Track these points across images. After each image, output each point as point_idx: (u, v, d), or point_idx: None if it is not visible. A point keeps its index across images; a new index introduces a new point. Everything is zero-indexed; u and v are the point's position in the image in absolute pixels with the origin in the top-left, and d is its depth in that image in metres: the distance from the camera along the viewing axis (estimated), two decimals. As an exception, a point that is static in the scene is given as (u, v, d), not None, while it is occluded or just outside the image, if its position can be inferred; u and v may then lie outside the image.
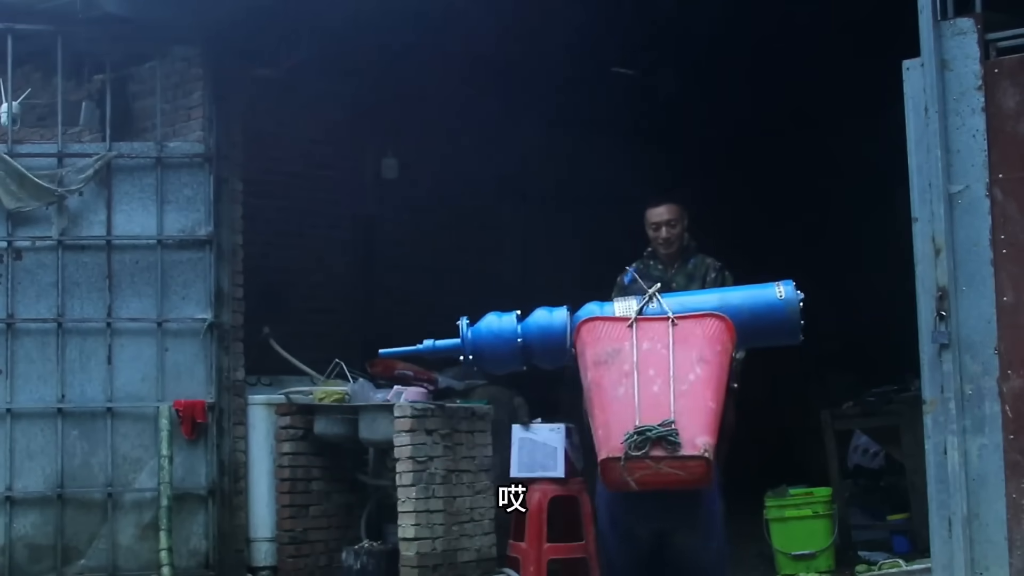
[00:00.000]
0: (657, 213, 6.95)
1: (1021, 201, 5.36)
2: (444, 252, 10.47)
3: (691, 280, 6.84)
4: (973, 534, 5.36)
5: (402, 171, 10.24)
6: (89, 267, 7.88)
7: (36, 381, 7.80)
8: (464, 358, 5.24)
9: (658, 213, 6.95)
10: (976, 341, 5.40)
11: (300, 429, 8.16)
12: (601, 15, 8.69)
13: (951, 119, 5.50)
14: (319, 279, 9.71)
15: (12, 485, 7.69)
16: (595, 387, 4.60)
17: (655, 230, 6.94)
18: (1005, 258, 5.37)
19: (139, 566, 7.70)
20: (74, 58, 8.08)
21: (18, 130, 7.99)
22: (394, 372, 8.29)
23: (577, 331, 4.79)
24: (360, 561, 7.71)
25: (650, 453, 4.32)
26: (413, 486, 7.49)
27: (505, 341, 5.13)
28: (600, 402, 4.54)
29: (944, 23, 5.54)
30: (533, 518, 7.55)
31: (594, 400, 4.59)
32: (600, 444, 4.50)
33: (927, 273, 5.52)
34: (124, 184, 7.97)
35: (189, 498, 7.81)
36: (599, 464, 4.48)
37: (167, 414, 7.69)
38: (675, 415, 4.37)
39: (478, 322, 5.26)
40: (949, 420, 5.42)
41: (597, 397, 4.59)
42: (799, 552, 7.74)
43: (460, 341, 5.24)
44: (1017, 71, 5.40)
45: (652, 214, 6.97)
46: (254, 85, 8.45)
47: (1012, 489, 5.29)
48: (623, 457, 4.33)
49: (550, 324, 5.08)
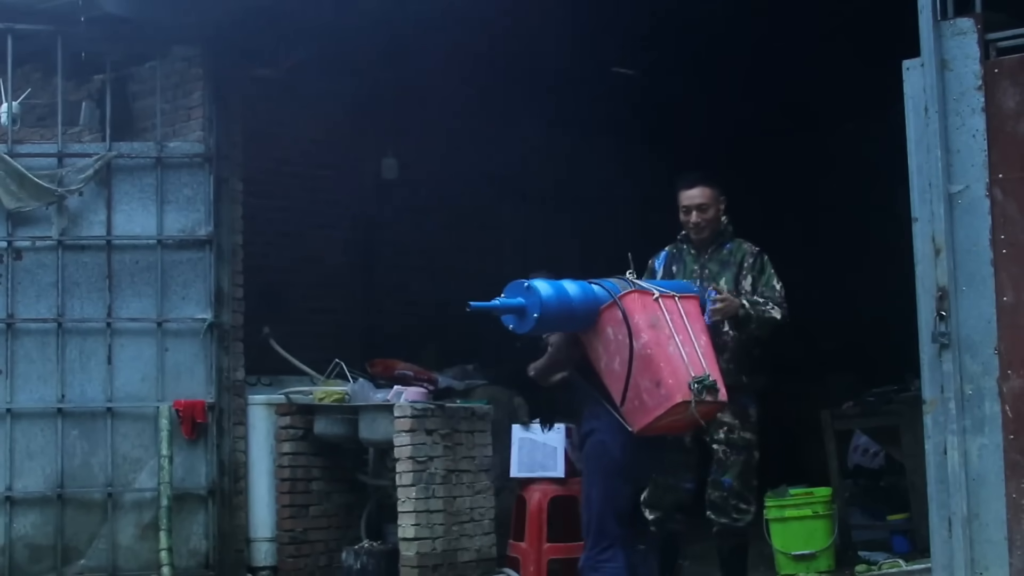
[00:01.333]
0: (689, 196, 6.40)
1: (1021, 201, 5.36)
2: (444, 252, 10.47)
3: (725, 267, 6.32)
4: (973, 534, 5.36)
5: (402, 171, 10.24)
6: (89, 267, 7.88)
7: (36, 381, 7.80)
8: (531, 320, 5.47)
9: (690, 196, 6.39)
10: (976, 341, 5.39)
11: (300, 429, 8.16)
12: (601, 15, 8.69)
13: (951, 119, 5.49)
14: (319, 279, 9.71)
15: (12, 485, 7.70)
16: (655, 345, 5.41)
17: (686, 213, 6.40)
18: (1005, 258, 5.36)
19: (139, 566, 7.71)
20: (74, 58, 8.07)
21: (18, 130, 8.00)
22: (394, 372, 8.30)
23: (623, 299, 5.48)
24: (360, 561, 7.72)
25: (705, 397, 5.35)
26: (413, 486, 7.50)
27: (568, 304, 5.48)
28: (664, 356, 5.40)
29: (944, 23, 5.53)
30: (533, 518, 7.57)
31: (656, 356, 5.39)
32: (671, 390, 5.34)
33: (927, 273, 5.52)
34: (124, 184, 7.97)
35: (189, 498, 7.82)
36: (671, 407, 5.34)
37: (167, 414, 7.70)
38: (707, 370, 5.40)
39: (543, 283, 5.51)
40: (949, 420, 5.41)
41: (659, 353, 5.40)
42: (799, 552, 7.73)
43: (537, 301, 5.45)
44: (1017, 71, 5.40)
45: (684, 196, 6.42)
46: (254, 85, 8.46)
47: (1012, 489, 5.29)
48: (693, 400, 5.33)
49: (595, 293, 5.53)
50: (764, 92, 10.53)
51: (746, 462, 6.16)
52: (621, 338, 5.48)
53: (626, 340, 5.45)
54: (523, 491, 7.80)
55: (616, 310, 5.49)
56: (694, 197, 6.39)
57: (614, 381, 5.50)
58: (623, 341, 5.47)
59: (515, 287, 5.51)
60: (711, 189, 6.42)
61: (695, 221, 6.37)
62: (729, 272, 6.29)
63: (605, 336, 5.53)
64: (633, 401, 5.44)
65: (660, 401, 5.40)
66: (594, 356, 5.59)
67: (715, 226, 6.39)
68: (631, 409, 5.46)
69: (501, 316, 5.50)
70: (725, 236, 6.43)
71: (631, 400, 5.43)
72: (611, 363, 5.52)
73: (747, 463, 6.16)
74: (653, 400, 5.41)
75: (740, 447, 6.15)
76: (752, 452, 6.20)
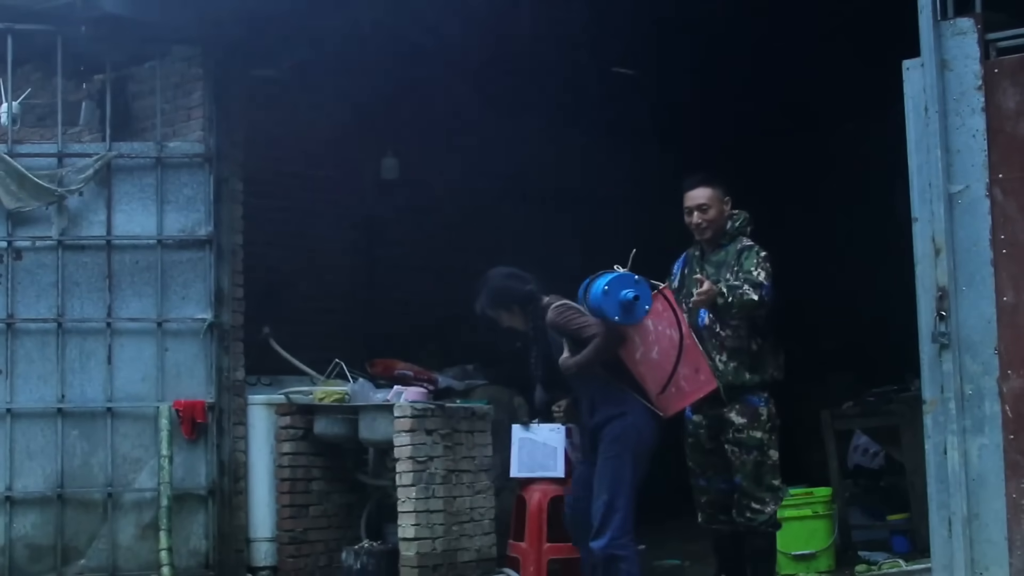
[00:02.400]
0: (691, 197, 6.37)
1: (1021, 201, 5.36)
2: (444, 252, 10.47)
3: (720, 268, 6.30)
4: (973, 534, 5.36)
5: (402, 171, 10.24)
6: (89, 267, 7.88)
7: (36, 381, 7.80)
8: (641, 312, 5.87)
9: (692, 197, 6.37)
10: (976, 341, 5.40)
11: (300, 429, 8.16)
12: (601, 15, 8.69)
13: (951, 119, 5.50)
14: (319, 279, 9.71)
15: (12, 485, 7.70)
16: (689, 335, 5.99)
17: (688, 214, 6.38)
18: (1005, 258, 5.37)
19: (139, 566, 7.71)
20: (74, 58, 8.07)
21: (18, 130, 8.00)
22: (394, 372, 8.31)
23: (664, 292, 5.99)
24: (360, 561, 7.71)
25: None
26: (413, 486, 7.50)
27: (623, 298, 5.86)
28: (697, 345, 6.00)
29: (944, 23, 5.53)
30: (533, 518, 7.56)
31: (693, 344, 5.97)
32: (710, 376, 5.99)
33: (927, 273, 5.52)
34: (124, 184, 7.97)
35: (189, 498, 7.82)
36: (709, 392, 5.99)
37: (167, 414, 7.70)
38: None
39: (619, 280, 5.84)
40: (949, 420, 5.42)
41: (693, 341, 5.99)
42: (799, 552, 7.75)
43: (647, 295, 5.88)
44: (1017, 71, 5.40)
45: (686, 197, 6.40)
46: (254, 85, 8.46)
47: (1012, 489, 5.29)
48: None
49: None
50: (764, 92, 10.53)
51: (757, 461, 6.13)
52: (661, 328, 5.92)
53: (666, 331, 5.92)
54: (523, 491, 7.79)
55: (656, 302, 5.90)
56: (695, 198, 6.39)
57: (651, 370, 5.91)
58: (663, 332, 5.92)
59: (625, 279, 5.81)
60: (712, 189, 6.40)
61: (696, 222, 6.37)
62: (724, 272, 6.28)
63: (644, 327, 5.91)
64: (671, 388, 5.90)
65: (700, 386, 5.97)
66: (629, 347, 5.90)
67: (718, 226, 6.37)
68: (668, 395, 5.90)
69: (615, 303, 5.77)
70: (728, 237, 6.39)
71: (670, 387, 5.90)
72: (648, 353, 5.91)
73: (758, 462, 6.13)
74: (692, 386, 5.95)
75: (750, 447, 6.13)
76: (765, 451, 6.15)
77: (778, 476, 6.21)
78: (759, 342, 6.20)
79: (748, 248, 6.31)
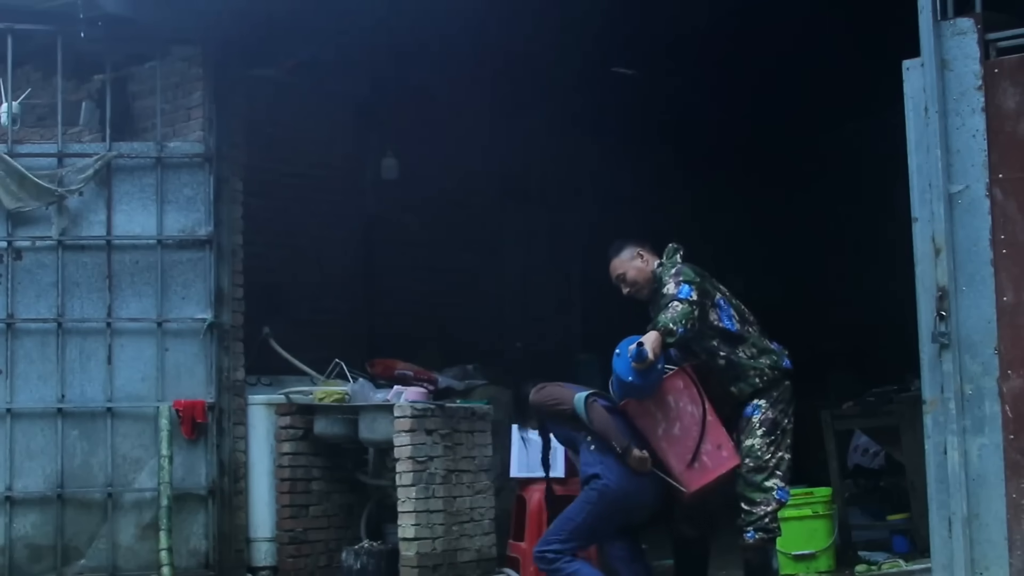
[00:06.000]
0: (610, 272, 6.35)
1: (1021, 201, 5.36)
2: (444, 252, 10.47)
3: (654, 302, 6.20)
4: (973, 534, 5.36)
5: (402, 171, 10.24)
6: (89, 267, 7.88)
7: (36, 381, 7.80)
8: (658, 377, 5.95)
9: (610, 272, 6.34)
10: (976, 341, 5.40)
11: (300, 429, 8.16)
12: (601, 15, 8.69)
13: (951, 119, 5.49)
14: (319, 279, 9.71)
15: (12, 485, 7.70)
16: (712, 412, 6.03)
17: (618, 290, 6.41)
18: (1005, 258, 5.37)
19: (139, 566, 7.71)
20: (74, 58, 8.08)
21: (18, 130, 7.99)
22: (394, 372, 8.30)
23: (687, 369, 6.07)
24: (360, 561, 7.72)
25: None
26: (413, 486, 7.50)
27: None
28: (719, 422, 6.04)
29: (944, 23, 5.53)
30: (533, 518, 7.57)
31: (713, 422, 6.00)
32: (732, 452, 6.05)
33: (927, 273, 5.52)
34: (124, 184, 7.97)
35: (189, 498, 7.82)
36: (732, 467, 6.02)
37: (167, 414, 7.69)
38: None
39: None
40: (949, 420, 5.41)
41: (715, 420, 6.02)
42: (799, 552, 7.74)
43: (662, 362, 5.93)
44: (1017, 71, 5.40)
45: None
46: (254, 85, 8.46)
47: (1012, 489, 5.29)
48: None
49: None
50: (763, 92, 10.53)
51: (750, 468, 6.13)
52: (683, 405, 5.98)
53: (687, 407, 5.97)
54: (523, 491, 7.80)
55: (678, 379, 5.99)
56: (611, 272, 6.35)
57: (673, 445, 5.96)
58: (685, 408, 5.98)
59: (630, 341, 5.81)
60: (618, 257, 6.33)
61: (625, 292, 6.35)
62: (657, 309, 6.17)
63: (665, 404, 5.97)
64: (694, 464, 5.94)
65: (722, 462, 5.98)
66: (648, 423, 5.97)
67: (644, 281, 6.28)
68: (691, 471, 5.93)
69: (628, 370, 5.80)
70: (660, 280, 6.23)
71: (694, 463, 5.94)
72: (670, 429, 5.96)
73: (749, 468, 6.13)
74: (715, 462, 5.96)
75: (743, 454, 6.13)
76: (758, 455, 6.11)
77: (775, 478, 6.10)
78: (723, 355, 6.12)
79: (660, 274, 6.21)
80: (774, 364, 6.18)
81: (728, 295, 6.24)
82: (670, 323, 5.83)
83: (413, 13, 7.95)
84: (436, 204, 10.41)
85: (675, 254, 6.29)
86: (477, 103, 10.28)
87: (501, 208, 11.11)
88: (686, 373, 6.04)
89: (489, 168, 10.71)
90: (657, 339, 5.80)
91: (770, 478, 6.10)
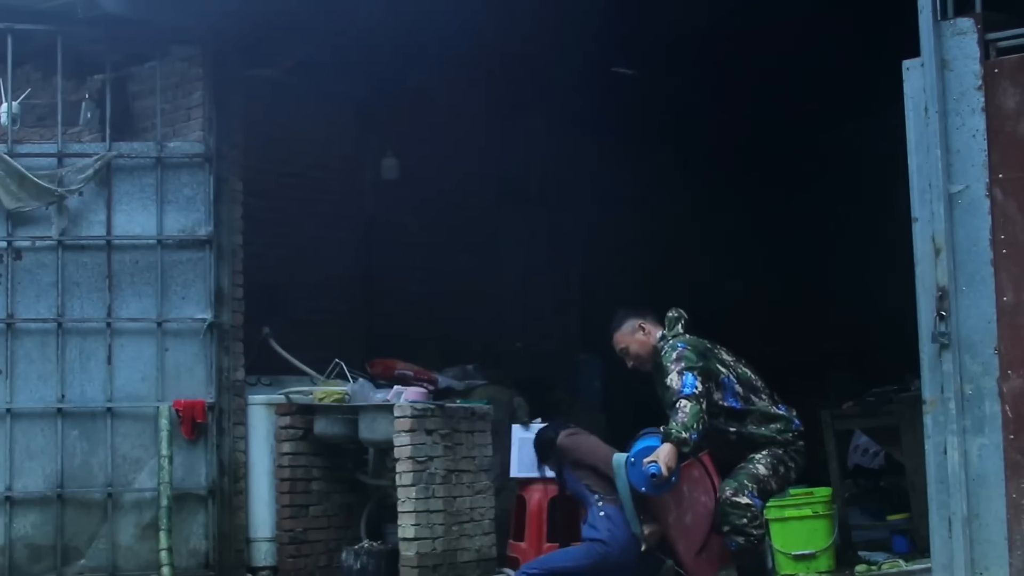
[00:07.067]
0: (614, 346, 6.40)
1: (1021, 201, 5.36)
2: (444, 252, 10.47)
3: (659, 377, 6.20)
4: (973, 534, 5.36)
5: (402, 171, 10.24)
6: (89, 267, 7.88)
7: (36, 381, 7.80)
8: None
9: (614, 346, 6.39)
10: (976, 341, 5.40)
11: (300, 429, 8.16)
12: (601, 15, 8.69)
13: (951, 119, 5.50)
14: (319, 279, 9.70)
15: (12, 485, 7.70)
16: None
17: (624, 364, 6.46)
18: (1005, 258, 5.37)
19: (139, 566, 7.70)
20: (74, 58, 8.08)
21: (18, 130, 7.99)
22: (394, 372, 8.30)
23: (703, 459, 6.13)
24: (360, 561, 7.72)
25: None
26: (413, 486, 7.50)
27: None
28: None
29: (944, 23, 5.53)
30: (533, 518, 7.57)
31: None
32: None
33: (927, 273, 5.52)
34: (124, 184, 7.97)
35: (189, 498, 7.82)
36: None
37: (167, 414, 7.69)
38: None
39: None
40: (949, 420, 5.41)
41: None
42: (799, 552, 7.74)
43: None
44: (1017, 71, 5.40)
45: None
46: (254, 85, 8.46)
47: (1012, 489, 5.29)
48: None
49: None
50: (763, 92, 10.53)
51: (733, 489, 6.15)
52: (696, 495, 6.04)
53: (700, 497, 6.04)
54: (523, 491, 7.80)
55: (694, 469, 6.04)
56: (615, 346, 6.39)
57: (682, 534, 6.03)
58: (698, 497, 6.03)
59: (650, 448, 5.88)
60: (619, 332, 6.36)
61: (630, 365, 6.40)
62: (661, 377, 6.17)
63: (679, 492, 6.02)
64: (703, 554, 6.04)
65: (731, 553, 6.02)
66: (660, 509, 6.03)
67: (647, 354, 6.30)
68: (700, 561, 6.04)
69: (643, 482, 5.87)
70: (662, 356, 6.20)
71: (703, 553, 6.04)
72: (682, 517, 6.03)
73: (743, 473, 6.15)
74: (724, 553, 6.05)
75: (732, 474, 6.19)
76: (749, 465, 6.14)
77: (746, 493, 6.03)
78: (733, 431, 6.13)
79: (660, 354, 6.17)
80: (784, 429, 6.21)
81: (732, 365, 6.21)
82: (683, 431, 5.79)
83: (412, 14, 7.96)
84: (435, 204, 10.41)
85: (676, 324, 6.28)
86: (476, 103, 10.28)
87: (500, 208, 11.11)
88: (701, 463, 6.09)
89: (488, 168, 10.71)
90: (671, 452, 5.78)
91: (745, 487, 6.05)
